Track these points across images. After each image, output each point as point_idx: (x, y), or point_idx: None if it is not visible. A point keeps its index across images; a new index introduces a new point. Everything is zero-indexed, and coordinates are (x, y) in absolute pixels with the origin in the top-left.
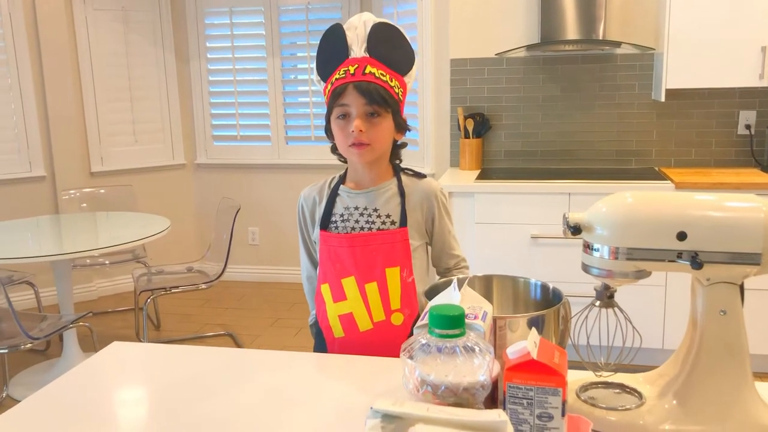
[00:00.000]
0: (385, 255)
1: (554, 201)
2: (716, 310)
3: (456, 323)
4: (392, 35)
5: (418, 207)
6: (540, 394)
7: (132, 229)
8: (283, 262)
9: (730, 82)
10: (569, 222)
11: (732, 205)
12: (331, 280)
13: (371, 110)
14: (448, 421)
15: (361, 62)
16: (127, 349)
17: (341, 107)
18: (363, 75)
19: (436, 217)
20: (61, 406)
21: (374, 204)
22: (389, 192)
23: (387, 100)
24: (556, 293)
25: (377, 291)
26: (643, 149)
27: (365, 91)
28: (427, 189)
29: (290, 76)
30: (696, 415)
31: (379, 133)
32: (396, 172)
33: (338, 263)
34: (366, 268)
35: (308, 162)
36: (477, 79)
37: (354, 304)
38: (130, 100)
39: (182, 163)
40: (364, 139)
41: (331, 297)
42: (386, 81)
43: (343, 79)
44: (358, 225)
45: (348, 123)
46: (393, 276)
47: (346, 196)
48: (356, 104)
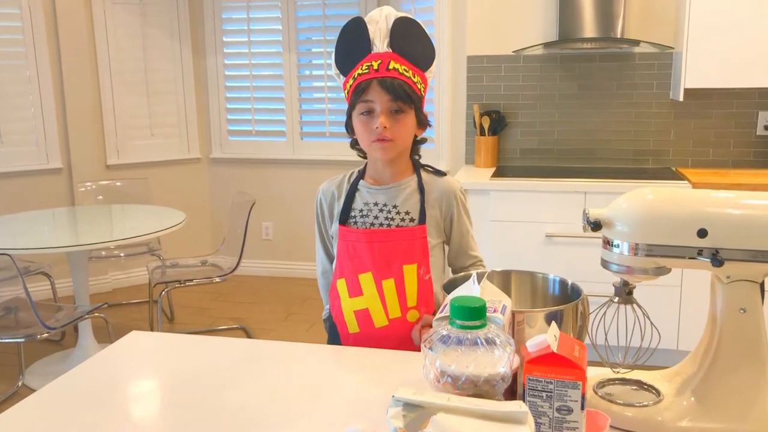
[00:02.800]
0: (404, 252)
1: (570, 200)
2: (736, 308)
3: (477, 315)
4: (414, 30)
5: (436, 205)
6: (560, 387)
7: (147, 222)
8: (297, 258)
9: (750, 82)
10: (589, 218)
11: (753, 203)
12: (348, 275)
13: (395, 107)
14: (469, 410)
15: (384, 57)
16: (146, 338)
17: (365, 103)
18: (387, 71)
19: (455, 216)
20: (79, 393)
21: (394, 200)
22: (409, 189)
23: (411, 96)
24: (574, 289)
25: (394, 288)
26: (660, 149)
27: (389, 87)
28: (446, 187)
29: (306, 71)
30: (714, 413)
31: (402, 130)
32: (416, 168)
33: (356, 258)
34: (383, 264)
35: (323, 158)
36: (494, 76)
37: (370, 300)
38: (147, 94)
39: (197, 157)
40: (388, 135)
41: (347, 292)
42: (409, 77)
43: (367, 75)
44: (377, 221)
45: (372, 119)
46: (410, 273)
47: (366, 192)
48: (380, 100)
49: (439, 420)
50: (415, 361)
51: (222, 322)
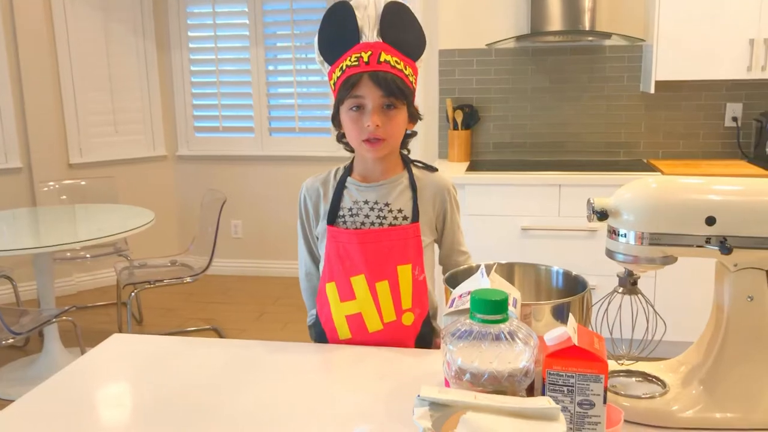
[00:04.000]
0: (398, 252)
1: (545, 193)
2: (743, 296)
3: (499, 308)
4: (405, 17)
5: (430, 202)
6: (582, 381)
7: (114, 222)
8: (267, 256)
9: (719, 74)
10: (595, 207)
11: (760, 189)
12: (339, 278)
13: (387, 102)
14: (498, 408)
15: (374, 48)
16: (128, 341)
17: (355, 99)
18: (378, 64)
19: (448, 212)
20: (64, 400)
21: (386, 198)
22: (401, 185)
23: (404, 91)
24: (579, 280)
25: (388, 290)
26: (631, 141)
27: (381, 82)
28: (439, 183)
29: (274, 66)
30: (724, 402)
31: (394, 127)
32: (406, 164)
33: (347, 260)
34: (377, 265)
35: (292, 153)
36: (466, 70)
37: (363, 304)
38: (110, 91)
39: (163, 155)
40: (380, 134)
41: (337, 296)
42: (401, 69)
43: (357, 68)
44: (368, 220)
45: (362, 116)
46: (405, 274)
47: (355, 190)
48: (372, 96)
49: (470, 419)
50: (413, 358)
51: (193, 323)
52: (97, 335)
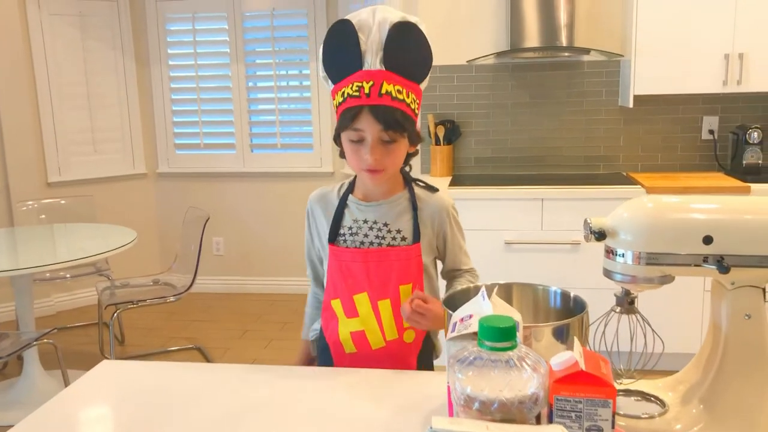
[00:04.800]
0: (399, 272)
1: (527, 207)
2: (741, 314)
3: (508, 335)
4: (411, 39)
5: (429, 223)
6: (589, 407)
7: (95, 241)
8: (250, 273)
9: (695, 88)
10: (592, 227)
11: (757, 208)
12: (343, 295)
13: (387, 137)
14: None
15: (376, 78)
16: (119, 368)
17: (355, 131)
18: (379, 97)
19: (448, 233)
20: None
21: (385, 218)
22: (401, 206)
23: (403, 125)
24: (577, 301)
25: (390, 308)
26: (610, 154)
27: (381, 117)
28: (439, 204)
29: (255, 83)
30: (724, 420)
31: (393, 159)
32: (407, 182)
33: (350, 278)
34: (379, 284)
35: (274, 170)
36: (447, 86)
37: (366, 322)
38: (89, 108)
39: (143, 173)
40: (379, 166)
41: (343, 312)
42: (403, 99)
43: (357, 99)
44: (367, 239)
45: (362, 147)
46: (406, 294)
47: (356, 208)
48: (371, 130)
49: None
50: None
51: (175, 342)
52: (77, 357)
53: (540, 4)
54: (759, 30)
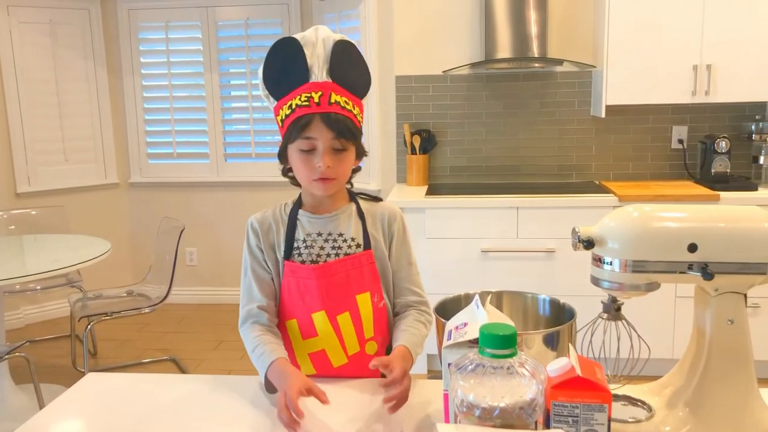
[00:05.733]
0: (355, 281)
1: (503, 215)
2: (724, 319)
3: (509, 343)
4: (353, 56)
5: (378, 227)
6: (586, 412)
7: (67, 252)
8: (224, 283)
9: (665, 98)
10: (581, 236)
11: (739, 216)
12: (300, 315)
13: (338, 145)
14: None
15: (324, 89)
16: (104, 380)
17: (307, 140)
18: (329, 105)
19: (395, 237)
20: None
21: (339, 228)
22: (351, 215)
23: (354, 133)
24: (566, 308)
25: (350, 321)
26: (583, 164)
27: (333, 124)
28: (386, 211)
29: (228, 92)
30: (709, 424)
31: (344, 167)
32: (351, 197)
33: (307, 296)
34: (336, 298)
35: (249, 179)
36: (422, 96)
37: (326, 340)
38: (59, 117)
39: (115, 182)
40: (331, 174)
41: (299, 334)
42: (350, 110)
43: (308, 108)
44: (323, 252)
45: (313, 157)
46: (364, 302)
47: (307, 222)
48: (323, 138)
49: None
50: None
51: (149, 354)
52: (49, 370)
53: (511, 16)
54: (726, 42)
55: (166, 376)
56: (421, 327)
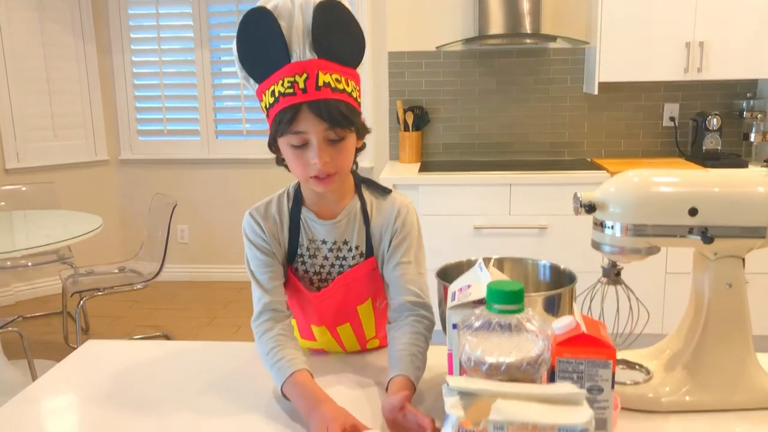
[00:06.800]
0: (355, 294)
1: (496, 192)
2: (723, 283)
3: (516, 298)
4: (339, 18)
5: (384, 227)
6: (590, 368)
7: (58, 228)
8: (216, 260)
9: (658, 75)
10: (582, 201)
11: (739, 181)
12: (299, 321)
13: (333, 135)
14: (526, 395)
15: (309, 69)
16: (104, 347)
17: (296, 135)
18: (317, 90)
19: (397, 235)
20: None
21: (344, 235)
22: (356, 218)
23: (350, 119)
24: (567, 273)
25: (351, 330)
26: (575, 141)
27: (325, 114)
28: (395, 206)
29: (219, 68)
30: (707, 385)
31: (345, 158)
32: (357, 185)
33: (307, 310)
34: (337, 315)
35: (240, 156)
36: (415, 72)
37: (326, 344)
38: (48, 93)
39: (105, 159)
40: (329, 169)
41: (298, 333)
42: (344, 89)
43: (293, 97)
44: (327, 262)
45: (306, 152)
46: (366, 311)
47: (311, 226)
48: (315, 130)
49: (501, 406)
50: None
51: (142, 331)
52: (41, 346)
53: None
54: (719, 19)
55: (166, 343)
56: (421, 341)
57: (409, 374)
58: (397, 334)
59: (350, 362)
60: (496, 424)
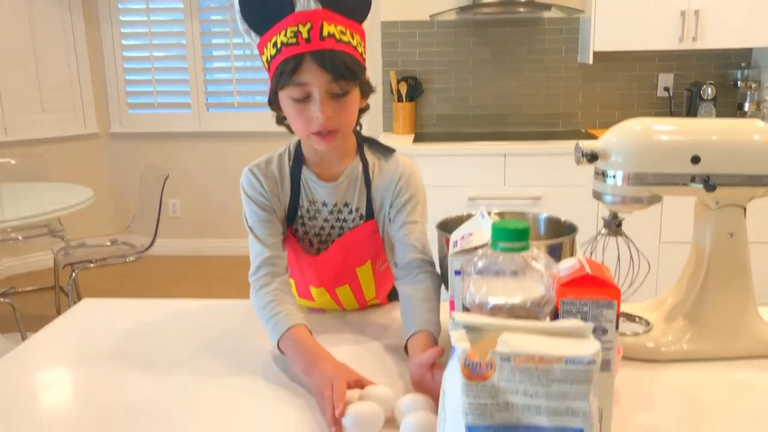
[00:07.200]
0: (354, 257)
1: (491, 162)
2: (725, 232)
3: (522, 236)
4: None
5: (386, 188)
6: (595, 308)
7: (48, 201)
8: (208, 235)
9: (653, 44)
10: (584, 150)
11: (742, 129)
12: (297, 281)
13: (337, 89)
14: (532, 328)
15: (314, 19)
16: (101, 305)
17: (298, 87)
18: (321, 40)
19: (401, 195)
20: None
21: (345, 197)
22: (357, 179)
23: (355, 71)
24: (567, 225)
25: (350, 291)
26: (569, 112)
27: (328, 65)
28: (398, 167)
29: (209, 39)
30: (708, 334)
31: (348, 114)
32: (359, 145)
33: (306, 272)
34: (336, 277)
35: (231, 129)
36: (409, 42)
37: (324, 305)
38: (35, 66)
39: (95, 133)
40: (332, 125)
41: (296, 292)
42: (348, 42)
43: (296, 48)
44: (327, 224)
45: (308, 105)
46: (365, 272)
47: (312, 187)
48: (318, 82)
49: (508, 339)
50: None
51: None
52: (33, 320)
53: None
54: None
55: (164, 302)
56: (435, 297)
57: (431, 329)
58: (410, 289)
59: (349, 320)
60: (503, 356)
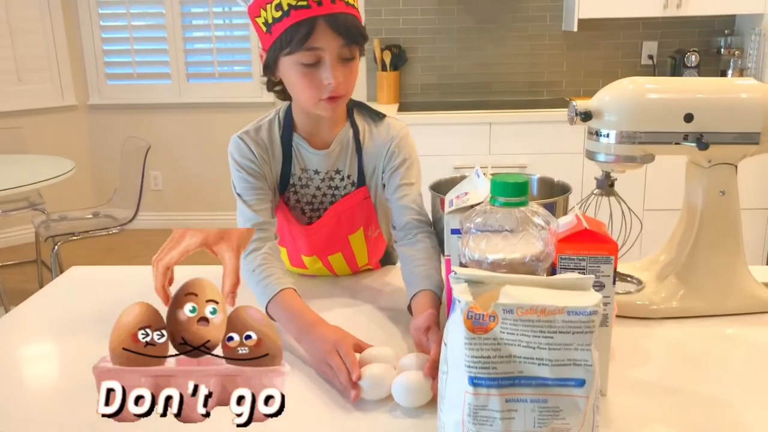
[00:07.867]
0: (346, 224)
1: (476, 131)
2: (716, 191)
3: (521, 190)
4: None
5: (377, 153)
6: (592, 263)
7: (27, 174)
8: (190, 208)
9: (638, 11)
10: (578, 109)
11: (734, 87)
12: (289, 249)
13: (347, 53)
14: (533, 281)
15: None
16: (89, 273)
17: (310, 51)
18: (333, 3)
19: (393, 159)
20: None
21: (336, 164)
22: (348, 146)
23: (365, 36)
24: (560, 185)
25: (342, 259)
26: (554, 80)
27: (343, 29)
28: (390, 131)
29: (189, 8)
30: (699, 291)
31: (354, 80)
32: (350, 112)
33: (297, 241)
34: (328, 245)
35: (212, 100)
36: (392, 9)
37: (316, 272)
38: (10, 35)
39: (73, 104)
40: (341, 90)
41: (288, 260)
42: (353, 5)
43: (307, 11)
44: (319, 192)
45: (318, 71)
46: (357, 239)
47: (304, 155)
48: (330, 47)
49: (510, 291)
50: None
51: None
52: (16, 294)
53: None
54: None
55: None
56: (436, 256)
57: (434, 288)
58: (411, 250)
59: (342, 284)
60: (506, 307)
